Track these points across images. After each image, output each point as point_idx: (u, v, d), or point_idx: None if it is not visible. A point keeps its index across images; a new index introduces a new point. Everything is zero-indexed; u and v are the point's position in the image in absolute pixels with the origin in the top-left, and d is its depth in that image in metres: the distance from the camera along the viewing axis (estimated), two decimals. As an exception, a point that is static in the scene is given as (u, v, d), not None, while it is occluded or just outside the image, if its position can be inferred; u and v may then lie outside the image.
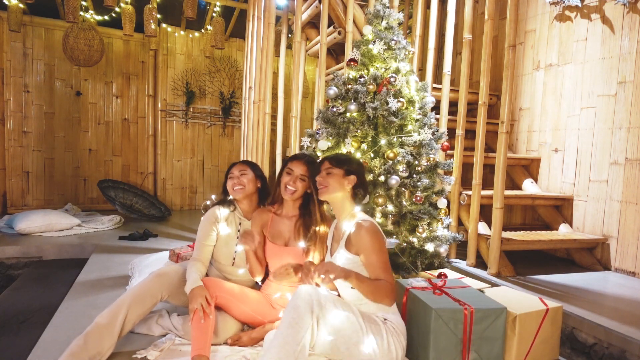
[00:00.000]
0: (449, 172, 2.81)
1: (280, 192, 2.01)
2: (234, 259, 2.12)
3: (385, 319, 1.64)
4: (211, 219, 2.09)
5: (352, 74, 2.56)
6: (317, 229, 1.96)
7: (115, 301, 1.80)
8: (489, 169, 3.63)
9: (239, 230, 2.12)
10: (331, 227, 1.93)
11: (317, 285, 1.65)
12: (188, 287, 1.83)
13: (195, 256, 2.04)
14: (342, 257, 1.69)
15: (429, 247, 2.47)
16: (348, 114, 2.47)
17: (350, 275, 1.58)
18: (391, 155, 2.35)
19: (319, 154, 2.53)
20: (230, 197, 2.16)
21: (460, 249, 3.31)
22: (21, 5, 4.71)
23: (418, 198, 2.42)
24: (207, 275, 2.17)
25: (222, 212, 2.12)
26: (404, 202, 2.46)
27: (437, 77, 3.87)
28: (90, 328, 1.71)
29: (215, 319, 1.81)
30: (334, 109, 2.49)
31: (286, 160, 2.04)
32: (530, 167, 3.79)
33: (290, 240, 2.00)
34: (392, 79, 2.44)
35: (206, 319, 1.73)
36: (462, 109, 3.09)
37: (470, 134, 3.63)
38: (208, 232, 2.06)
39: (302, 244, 1.94)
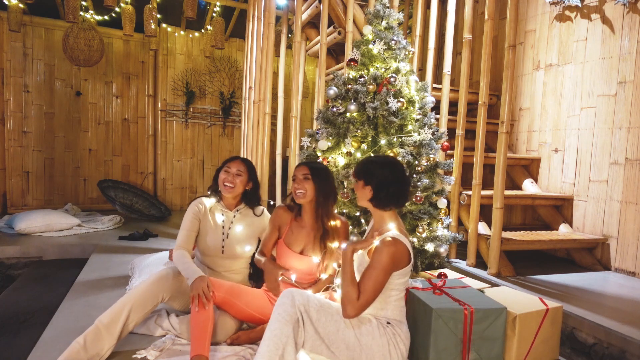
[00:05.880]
0: (449, 172, 2.81)
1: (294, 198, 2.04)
2: (222, 247, 2.14)
3: (388, 322, 1.62)
4: (195, 209, 2.13)
5: (352, 74, 2.56)
6: (330, 244, 1.98)
7: (117, 302, 1.80)
8: (489, 169, 3.62)
9: (223, 221, 2.17)
10: (369, 225, 1.91)
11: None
12: (191, 278, 1.84)
13: (180, 244, 2.05)
14: (361, 260, 1.69)
15: (429, 247, 2.47)
16: (348, 114, 2.47)
17: (346, 262, 1.60)
18: (391, 155, 2.35)
19: (318, 154, 2.53)
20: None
21: (460, 249, 3.31)
22: (21, 5, 4.71)
23: (418, 198, 2.42)
24: None
25: (208, 202, 2.18)
26: (404, 202, 2.46)
27: (437, 77, 3.87)
28: (91, 329, 1.71)
29: (214, 319, 1.82)
30: (334, 109, 2.49)
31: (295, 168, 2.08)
32: (530, 167, 3.79)
33: (305, 249, 2.03)
34: (392, 79, 2.44)
35: (201, 309, 1.74)
36: (462, 109, 3.09)
37: (470, 134, 3.63)
38: (191, 219, 2.10)
39: (316, 259, 1.99)
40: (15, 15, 4.80)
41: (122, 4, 4.55)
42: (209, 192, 2.25)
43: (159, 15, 4.96)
